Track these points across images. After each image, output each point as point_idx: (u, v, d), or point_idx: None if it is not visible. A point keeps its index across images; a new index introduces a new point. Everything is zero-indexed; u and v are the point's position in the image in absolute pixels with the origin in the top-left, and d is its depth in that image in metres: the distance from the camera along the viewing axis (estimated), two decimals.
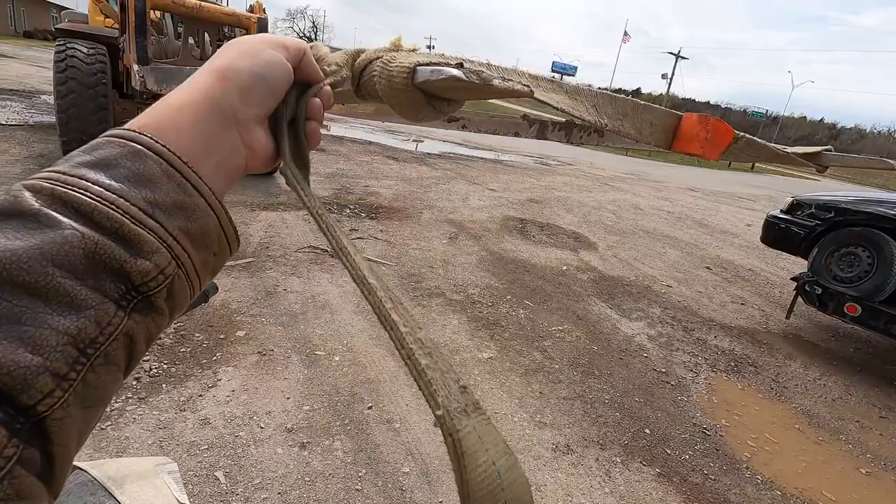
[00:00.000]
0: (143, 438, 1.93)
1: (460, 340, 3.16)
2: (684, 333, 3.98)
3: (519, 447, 2.27)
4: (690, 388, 3.16)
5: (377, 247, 4.62)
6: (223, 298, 3.13)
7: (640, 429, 2.60)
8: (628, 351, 3.48)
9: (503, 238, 5.71)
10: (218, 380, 2.37)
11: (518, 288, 4.26)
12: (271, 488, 1.81)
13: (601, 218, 7.91)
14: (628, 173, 16.13)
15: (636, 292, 4.72)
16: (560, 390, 2.81)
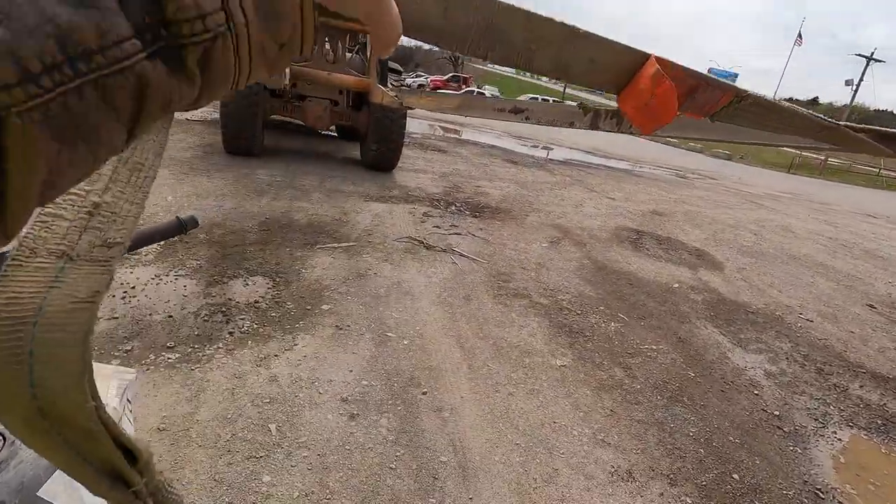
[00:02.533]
0: (220, 383, 2.17)
1: (534, 343, 3.02)
2: (817, 376, 3.32)
3: (571, 462, 2.09)
4: (810, 439, 2.62)
5: (473, 244, 4.64)
6: (319, 275, 3.40)
7: (728, 472, 2.22)
8: (735, 384, 3.00)
9: (610, 248, 5.34)
10: (295, 344, 2.57)
11: (615, 300, 3.94)
12: (313, 448, 1.91)
13: (736, 237, 6.98)
14: (785, 192, 14.03)
15: (762, 322, 4.07)
16: (636, 412, 2.53)
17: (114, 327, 2.42)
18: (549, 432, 2.25)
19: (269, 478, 1.75)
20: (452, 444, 2.08)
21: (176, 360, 2.27)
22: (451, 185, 6.91)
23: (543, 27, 0.42)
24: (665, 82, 0.45)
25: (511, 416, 2.32)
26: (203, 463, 1.76)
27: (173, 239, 3.52)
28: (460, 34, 0.39)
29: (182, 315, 2.63)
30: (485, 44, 0.40)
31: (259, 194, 4.88)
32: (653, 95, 0.45)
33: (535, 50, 0.42)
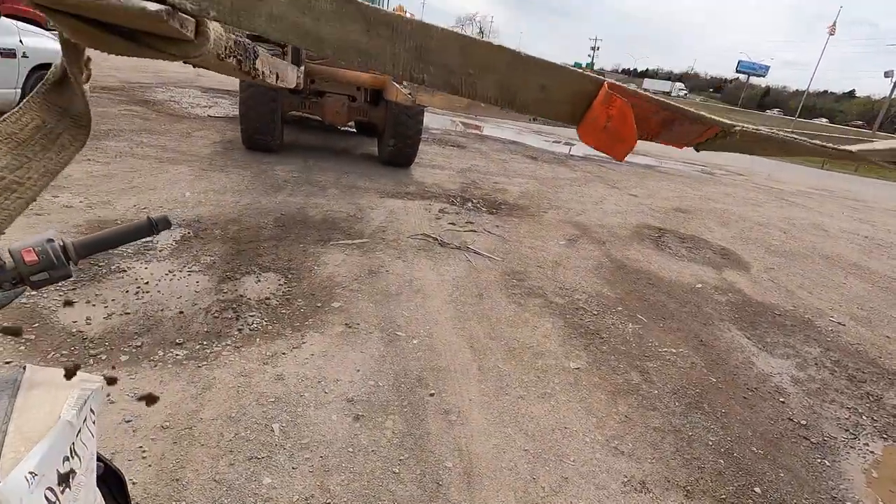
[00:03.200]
0: (226, 381, 2.16)
1: (548, 345, 2.93)
2: (848, 384, 3.15)
3: (582, 471, 2.01)
4: (840, 451, 2.48)
5: (488, 241, 4.56)
6: (331, 271, 3.38)
7: (749, 485, 2.11)
8: (759, 391, 2.87)
9: (631, 246, 5.19)
10: (303, 342, 2.55)
11: (634, 300, 3.82)
12: (315, 450, 1.88)
13: (764, 236, 6.72)
14: (818, 189, 13.51)
15: (790, 325, 3.89)
16: (652, 419, 2.43)
17: (125, 323, 2.43)
18: (559, 438, 2.18)
19: (269, 480, 1.72)
20: (458, 448, 2.02)
21: (184, 356, 2.27)
22: (469, 182, 6.83)
23: (481, 52, 0.39)
24: (616, 100, 0.42)
25: (521, 420, 2.25)
26: (204, 463, 1.74)
27: (189, 236, 3.57)
28: (388, 57, 0.36)
29: (193, 311, 2.63)
30: (418, 68, 0.37)
31: (276, 190, 4.89)
32: (608, 118, 0.42)
33: (475, 75, 0.39)
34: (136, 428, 1.83)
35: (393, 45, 0.35)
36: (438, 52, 0.37)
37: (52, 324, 2.32)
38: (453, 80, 0.38)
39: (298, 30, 0.32)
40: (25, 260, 0.66)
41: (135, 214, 3.72)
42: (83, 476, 0.64)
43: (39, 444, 0.57)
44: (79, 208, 3.65)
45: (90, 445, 0.69)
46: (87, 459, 0.66)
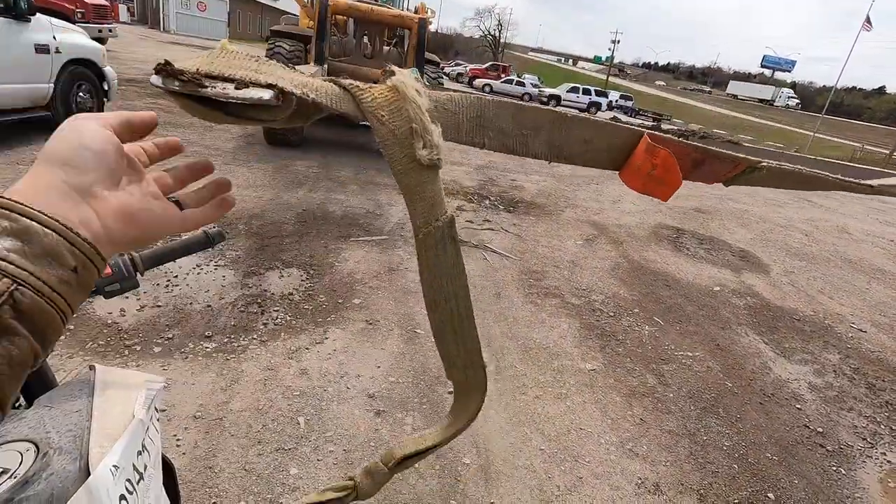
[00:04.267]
0: (253, 374, 2.25)
1: (564, 345, 2.97)
2: (867, 392, 3.13)
3: (596, 471, 2.06)
4: (857, 459, 2.48)
5: (505, 240, 4.59)
6: (351, 268, 3.45)
7: (762, 490, 2.13)
8: (775, 397, 2.87)
9: (648, 247, 5.18)
10: (326, 338, 2.63)
11: (651, 302, 3.83)
12: (339, 443, 1.96)
13: (785, 238, 6.63)
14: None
15: (809, 330, 3.86)
16: (667, 422, 2.46)
17: (157, 315, 2.54)
18: (575, 439, 2.22)
19: (296, 470, 1.80)
20: (476, 445, 2.08)
21: (213, 349, 2.37)
22: (486, 179, 6.86)
23: (531, 115, 0.45)
24: (660, 151, 0.47)
25: (537, 420, 2.30)
26: (235, 452, 1.83)
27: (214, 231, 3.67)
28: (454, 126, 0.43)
29: (220, 305, 2.73)
30: (478, 133, 0.43)
31: (297, 185, 4.99)
32: (653, 167, 0.46)
33: (527, 135, 0.45)
34: (171, 417, 1.93)
35: (456, 116, 0.41)
36: (495, 119, 0.43)
37: (88, 315, 2.44)
38: (508, 142, 0.44)
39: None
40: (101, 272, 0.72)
41: None
42: (152, 469, 0.71)
43: (119, 441, 0.63)
44: None
45: (156, 441, 0.75)
46: (154, 454, 0.73)
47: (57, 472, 0.58)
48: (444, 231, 0.41)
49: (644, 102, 46.00)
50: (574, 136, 0.46)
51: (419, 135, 0.39)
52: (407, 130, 0.40)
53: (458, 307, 0.47)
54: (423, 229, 0.40)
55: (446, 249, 0.42)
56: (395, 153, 0.40)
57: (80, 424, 0.64)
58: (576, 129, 0.46)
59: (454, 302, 0.46)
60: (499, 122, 0.43)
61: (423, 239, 0.41)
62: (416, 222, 0.40)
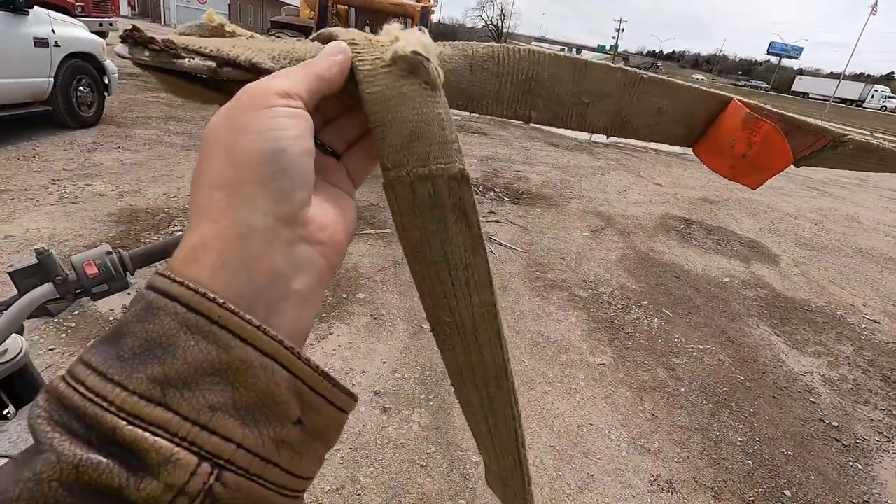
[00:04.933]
0: None
1: (572, 339, 2.92)
2: (882, 384, 3.07)
3: (608, 469, 2.01)
4: (873, 454, 2.43)
5: (511, 231, 4.53)
6: (355, 262, 3.41)
7: (778, 487, 2.09)
8: (788, 390, 2.82)
9: (656, 238, 5.10)
10: (330, 333, 2.59)
11: (659, 294, 3.77)
12: (344, 442, 1.92)
13: (795, 227, 6.54)
14: (851, 176, 13.04)
15: (821, 322, 3.80)
16: (679, 417, 2.41)
17: None
18: (585, 435, 2.18)
19: None
20: None
21: None
22: (491, 170, 6.78)
23: (598, 76, 0.34)
24: (762, 125, 0.36)
25: (546, 416, 2.26)
26: None
27: None
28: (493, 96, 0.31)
29: None
30: (524, 103, 0.32)
31: None
32: (750, 146, 0.37)
33: (588, 104, 0.34)
34: None
35: (499, 80, 0.31)
36: (550, 82, 0.32)
37: (90, 312, 2.40)
38: (561, 113, 0.34)
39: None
40: (87, 273, 0.67)
41: (164, 203, 3.80)
42: None
43: None
44: (111, 196, 3.74)
45: None
46: None
47: None
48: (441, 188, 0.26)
49: None
50: (646, 103, 0.36)
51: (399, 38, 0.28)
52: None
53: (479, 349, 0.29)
54: (391, 172, 0.25)
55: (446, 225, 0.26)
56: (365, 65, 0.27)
57: None
58: (650, 94, 0.36)
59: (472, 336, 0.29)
60: (554, 86, 0.33)
61: (392, 187, 0.26)
62: (384, 161, 0.25)
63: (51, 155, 4.35)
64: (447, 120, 0.26)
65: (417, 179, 0.25)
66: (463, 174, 0.26)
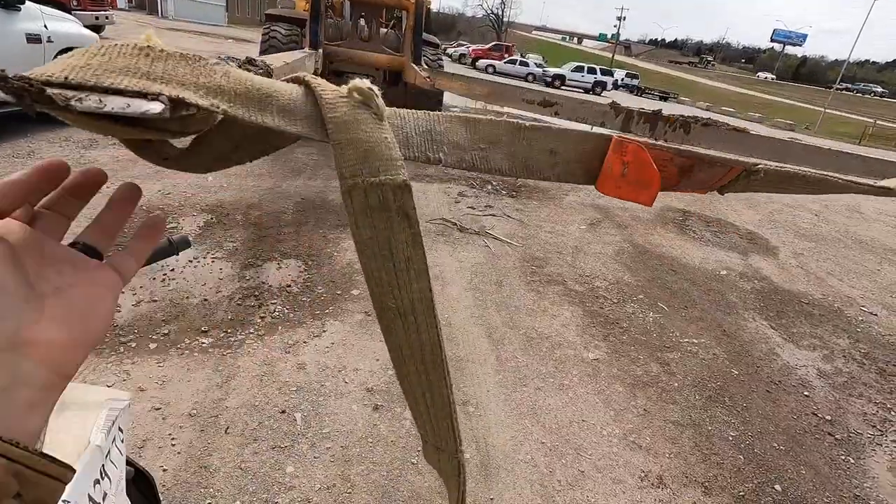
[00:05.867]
0: (250, 370, 2.22)
1: (566, 335, 2.92)
2: (878, 377, 3.07)
3: (598, 465, 2.02)
4: (866, 448, 2.43)
5: (507, 226, 4.52)
6: (349, 258, 3.40)
7: (769, 482, 2.09)
8: (782, 384, 2.82)
9: (654, 230, 5.09)
10: (323, 331, 2.59)
11: (655, 288, 3.76)
12: (336, 440, 1.93)
13: (794, 219, 6.51)
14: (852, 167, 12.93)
15: (818, 314, 3.79)
16: (671, 413, 2.41)
17: (153, 310, 2.51)
18: (577, 431, 2.19)
19: (292, 469, 1.78)
20: (476, 440, 2.05)
21: (209, 344, 2.34)
22: None
23: (485, 128, 0.38)
24: (628, 146, 0.41)
25: (538, 412, 2.26)
26: (230, 451, 1.80)
27: (212, 221, 3.63)
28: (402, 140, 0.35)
29: (217, 299, 2.70)
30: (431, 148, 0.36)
31: (296, 174, 4.92)
32: (624, 165, 0.41)
33: (486, 149, 0.38)
34: (166, 415, 1.90)
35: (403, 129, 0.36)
36: (446, 133, 0.37)
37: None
38: (466, 157, 0.38)
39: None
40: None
41: (160, 200, 3.80)
42: (113, 496, 0.66)
43: None
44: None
45: (119, 464, 0.71)
46: (116, 479, 0.69)
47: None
48: (388, 195, 0.30)
49: (651, 80, 45.18)
50: (537, 147, 0.40)
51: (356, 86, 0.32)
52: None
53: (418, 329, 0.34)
54: (348, 180, 0.30)
55: (391, 225, 0.31)
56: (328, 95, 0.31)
57: None
58: (537, 139, 0.40)
59: (412, 318, 0.34)
60: (452, 135, 0.37)
61: (349, 192, 0.30)
62: (341, 171, 0.30)
63: (46, 152, 4.34)
64: (392, 142, 0.31)
65: (370, 187, 0.30)
66: (406, 184, 0.31)
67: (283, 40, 5.88)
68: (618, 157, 0.42)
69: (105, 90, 0.26)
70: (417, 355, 0.35)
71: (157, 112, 0.27)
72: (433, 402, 0.38)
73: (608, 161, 0.42)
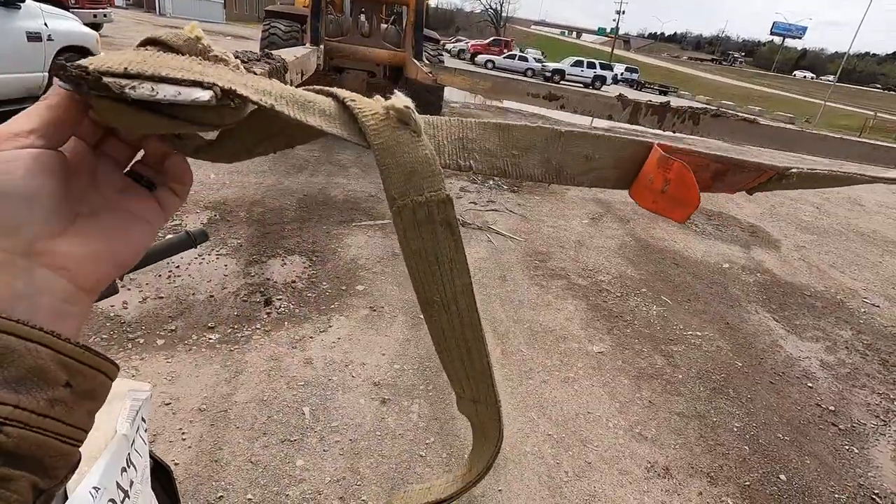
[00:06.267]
0: (257, 365, 2.23)
1: (571, 328, 2.93)
2: (881, 368, 3.09)
3: (605, 456, 2.04)
4: (869, 438, 2.45)
5: (510, 221, 4.53)
6: (354, 254, 3.42)
7: (774, 472, 2.11)
8: (786, 376, 2.83)
9: (656, 224, 5.10)
10: (329, 326, 2.61)
11: (658, 281, 3.77)
12: (345, 433, 1.95)
13: (796, 211, 6.51)
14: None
15: (821, 306, 3.80)
16: (676, 404, 2.43)
17: (159, 307, 2.52)
18: (583, 423, 2.20)
19: (302, 462, 1.79)
20: None
21: (216, 340, 2.35)
22: None
23: (520, 134, 0.39)
24: (673, 164, 0.41)
25: (544, 405, 2.28)
26: (240, 444, 1.82)
27: (216, 219, 3.64)
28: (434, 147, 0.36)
29: (223, 295, 2.71)
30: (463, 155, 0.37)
31: (298, 170, 4.93)
32: (666, 182, 0.41)
33: (518, 156, 0.39)
34: (176, 410, 1.92)
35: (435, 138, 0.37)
36: (478, 139, 0.38)
37: (95, 312, 2.42)
38: (497, 164, 0.39)
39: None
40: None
41: None
42: (139, 484, 0.68)
43: (100, 460, 0.60)
44: None
45: (143, 453, 0.72)
46: (141, 467, 0.70)
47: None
48: (433, 210, 0.33)
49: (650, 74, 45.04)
50: (573, 152, 0.41)
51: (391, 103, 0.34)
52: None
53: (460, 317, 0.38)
54: (397, 202, 0.33)
55: (437, 234, 0.34)
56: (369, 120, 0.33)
57: None
58: (575, 144, 0.40)
59: (454, 308, 0.38)
60: (484, 142, 0.38)
61: (399, 212, 0.33)
62: (391, 193, 0.33)
63: None
64: (432, 157, 0.33)
65: (417, 206, 0.33)
66: (448, 198, 0.33)
67: (283, 37, 5.86)
68: (661, 172, 0.42)
69: (161, 79, 0.28)
70: (459, 334, 0.39)
71: (206, 100, 0.28)
72: (473, 368, 0.42)
73: (649, 173, 0.42)
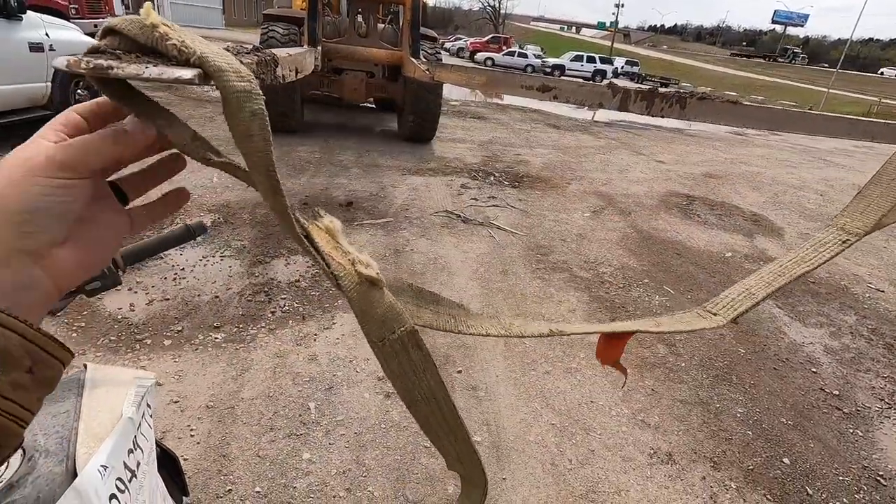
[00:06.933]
0: (263, 362, 2.27)
1: (573, 320, 2.95)
2: (885, 352, 3.08)
3: (608, 444, 2.06)
4: (874, 421, 2.45)
5: (511, 216, 4.54)
6: None
7: (777, 456, 2.12)
8: (790, 362, 2.83)
9: (657, 215, 5.09)
10: (333, 323, 2.64)
11: (660, 272, 3.78)
12: (350, 427, 1.97)
13: (799, 199, 6.49)
14: (860, 146, 12.84)
15: (825, 293, 3.79)
16: (679, 392, 2.44)
17: (166, 308, 2.56)
18: (586, 412, 2.22)
19: (308, 455, 1.82)
20: (487, 423, 2.09)
21: (222, 339, 2.39)
22: (490, 155, 6.77)
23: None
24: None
25: (547, 395, 2.30)
26: (248, 440, 1.85)
27: (219, 221, 3.68)
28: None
29: (227, 295, 2.74)
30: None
31: (299, 171, 4.96)
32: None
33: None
34: (184, 408, 1.95)
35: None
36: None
37: (99, 311, 2.47)
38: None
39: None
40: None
41: None
42: (146, 466, 0.70)
43: (107, 440, 0.63)
44: None
45: (150, 437, 0.75)
46: (148, 451, 0.73)
47: (43, 475, 0.58)
48: (405, 339, 0.40)
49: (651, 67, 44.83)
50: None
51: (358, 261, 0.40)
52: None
53: (438, 405, 0.46)
54: (377, 344, 0.40)
55: (410, 355, 0.42)
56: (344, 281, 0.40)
57: (67, 425, 0.64)
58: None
59: (433, 401, 0.45)
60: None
61: (380, 349, 0.41)
62: (370, 338, 0.40)
63: None
64: (394, 302, 0.40)
65: (392, 342, 0.40)
66: (413, 328, 0.41)
67: (281, 39, 5.90)
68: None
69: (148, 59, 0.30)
70: (440, 419, 0.46)
71: (189, 78, 0.31)
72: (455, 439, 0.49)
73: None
